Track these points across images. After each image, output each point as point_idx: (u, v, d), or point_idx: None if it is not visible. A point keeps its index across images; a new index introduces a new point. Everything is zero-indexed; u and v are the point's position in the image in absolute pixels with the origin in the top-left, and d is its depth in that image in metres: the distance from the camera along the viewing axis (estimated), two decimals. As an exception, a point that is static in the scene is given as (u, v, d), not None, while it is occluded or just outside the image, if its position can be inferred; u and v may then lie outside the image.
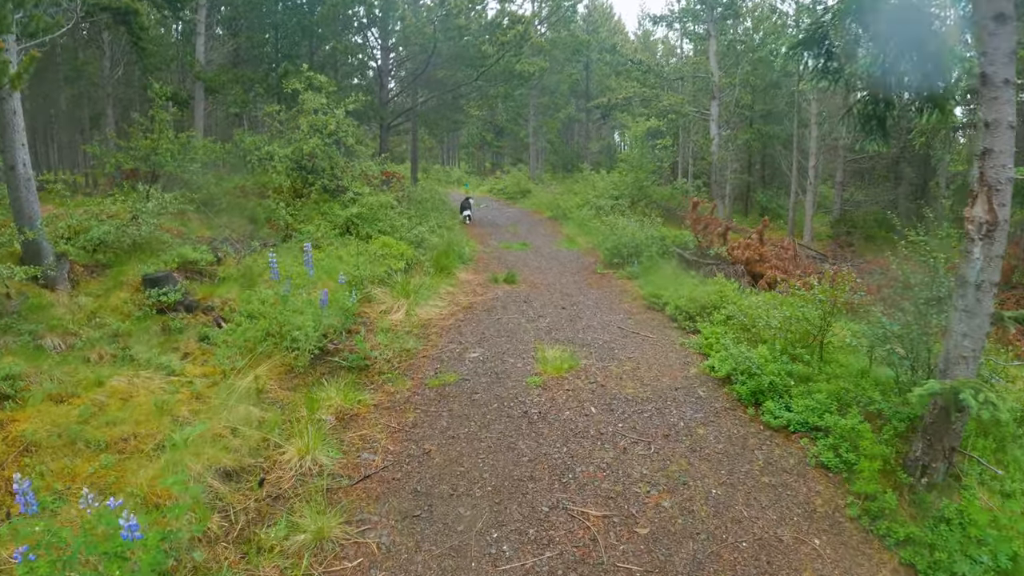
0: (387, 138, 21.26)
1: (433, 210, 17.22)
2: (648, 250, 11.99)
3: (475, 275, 11.42)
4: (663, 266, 11.81)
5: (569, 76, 33.27)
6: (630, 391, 6.05)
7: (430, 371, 6.38)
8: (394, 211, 13.36)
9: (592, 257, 13.61)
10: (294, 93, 13.82)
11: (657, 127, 20.99)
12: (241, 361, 6.22)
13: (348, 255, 10.26)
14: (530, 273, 11.75)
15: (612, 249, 12.21)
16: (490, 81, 19.01)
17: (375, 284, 9.13)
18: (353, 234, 12.02)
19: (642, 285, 10.83)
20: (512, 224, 19.71)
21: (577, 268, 12.43)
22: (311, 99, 13.09)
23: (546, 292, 10.26)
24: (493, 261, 12.89)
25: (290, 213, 12.21)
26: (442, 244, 12.34)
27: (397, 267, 10.03)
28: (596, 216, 19.13)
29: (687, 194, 22.37)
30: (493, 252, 13.97)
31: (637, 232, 12.33)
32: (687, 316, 8.80)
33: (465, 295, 9.89)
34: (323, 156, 13.59)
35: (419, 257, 11.15)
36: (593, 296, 10.14)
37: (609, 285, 11.06)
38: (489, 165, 46.73)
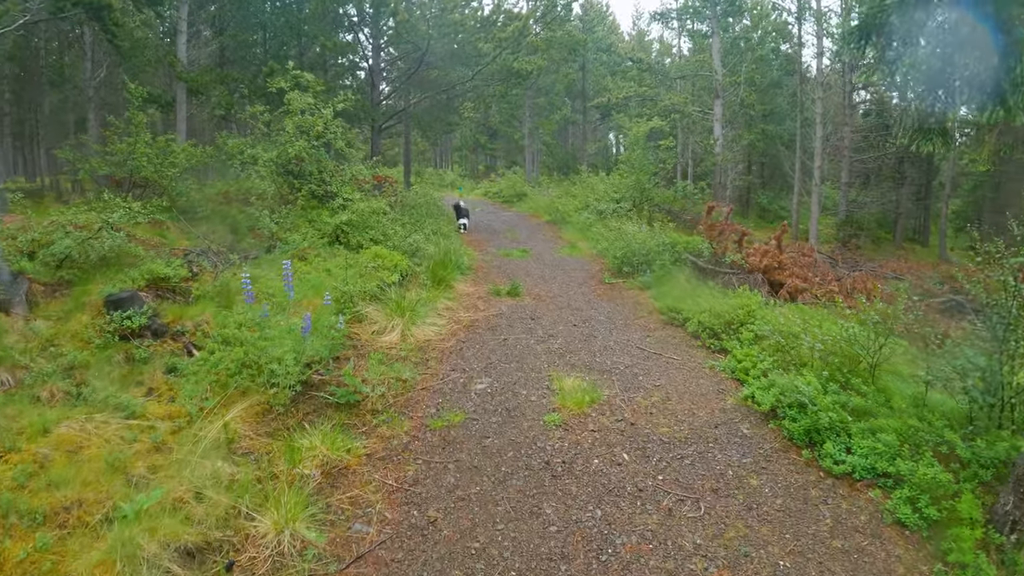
0: (379, 141, 20.41)
1: (428, 216, 16.36)
2: (660, 258, 11.20)
3: (475, 287, 10.59)
4: (676, 275, 11.02)
5: (565, 76, 32.50)
6: (664, 430, 5.23)
7: (431, 408, 5.54)
8: (386, 218, 12.51)
9: (597, 265, 12.81)
10: (280, 93, 12.95)
11: (659, 127, 20.21)
12: (212, 399, 5.37)
13: (337, 268, 9.41)
14: (534, 284, 10.93)
15: (622, 258, 11.42)
16: (486, 80, 18.20)
17: (367, 301, 8.28)
18: (343, 243, 11.17)
19: (656, 297, 10.04)
20: (510, 229, 18.89)
21: (583, 277, 11.62)
22: (297, 99, 12.22)
23: (554, 306, 9.43)
24: (493, 270, 12.07)
25: (275, 221, 11.35)
26: (439, 253, 11.50)
27: (391, 280, 9.18)
28: (598, 221, 18.36)
29: (690, 197, 21.62)
30: (492, 260, 13.14)
31: (648, 239, 11.53)
32: (711, 333, 8.01)
33: (466, 311, 9.05)
34: (311, 160, 12.74)
35: (414, 268, 10.31)
36: (605, 310, 9.33)
37: (621, 297, 10.25)
38: (483, 168, 45.96)
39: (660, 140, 21.22)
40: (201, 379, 5.73)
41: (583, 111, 34.17)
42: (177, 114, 17.91)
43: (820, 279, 12.43)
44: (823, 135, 24.18)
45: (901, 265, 20.37)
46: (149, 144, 11.62)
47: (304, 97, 12.32)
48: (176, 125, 17.88)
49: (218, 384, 5.64)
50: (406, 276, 10.07)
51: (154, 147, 11.75)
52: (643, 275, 11.05)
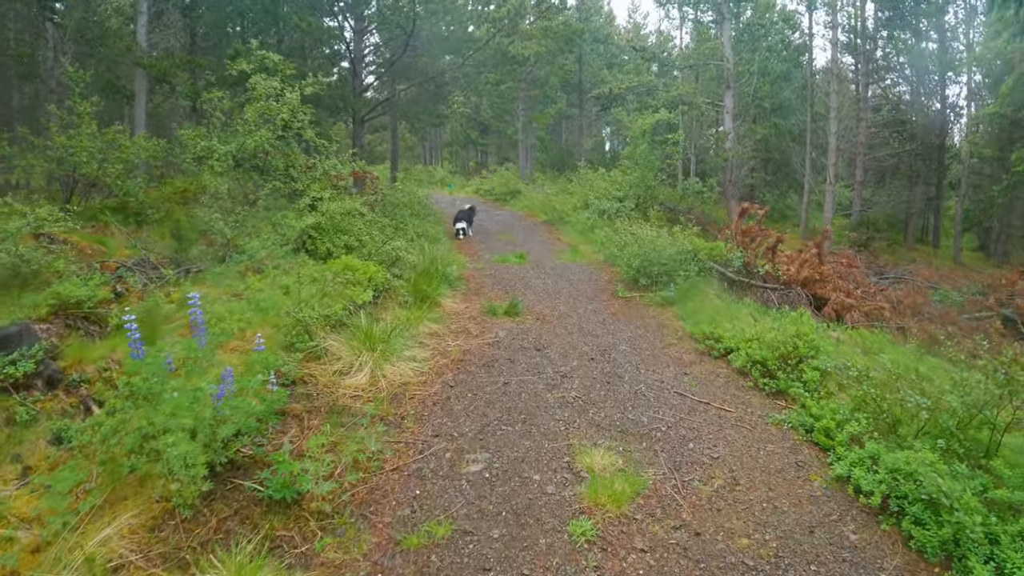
0: (362, 134, 18.68)
1: (413, 216, 14.65)
2: (685, 269, 9.57)
3: (466, 303, 8.91)
4: (704, 289, 9.40)
5: (561, 67, 30.80)
6: (744, 541, 3.59)
7: (404, 506, 3.84)
8: (364, 220, 10.81)
9: (606, 274, 11.16)
10: (244, 78, 11.23)
11: (666, 120, 18.57)
12: (97, 492, 3.71)
13: (297, 283, 7.70)
14: (536, 299, 9.26)
15: (638, 268, 9.76)
16: (478, 67, 16.51)
17: (329, 329, 6.60)
18: (309, 251, 9.47)
19: (685, 316, 8.42)
20: (504, 231, 17.21)
21: (592, 290, 9.96)
22: (261, 83, 10.50)
23: (562, 329, 7.77)
24: (487, 281, 10.39)
25: (232, 225, 9.66)
26: (423, 262, 9.81)
27: (362, 300, 7.48)
28: (601, 221, 16.73)
29: (697, 195, 20.01)
30: (486, 268, 11.46)
31: (668, 246, 9.89)
32: (763, 370, 6.38)
33: (455, 337, 7.37)
34: (276, 153, 11.02)
35: (393, 281, 8.61)
36: (626, 335, 7.68)
37: (640, 317, 8.61)
38: (474, 164, 44.26)
39: (667, 134, 19.57)
40: (91, 456, 4.07)
41: (580, 104, 32.50)
42: (136, 104, 16.19)
43: (862, 292, 10.87)
44: (837, 131, 22.65)
45: (931, 272, 18.84)
46: (94, 137, 9.96)
47: (269, 81, 10.60)
48: (135, 117, 16.15)
49: (111, 465, 3.96)
50: (383, 291, 8.39)
51: (97, 141, 10.09)
52: (664, 288, 9.42)
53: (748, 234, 10.04)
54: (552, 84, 32.86)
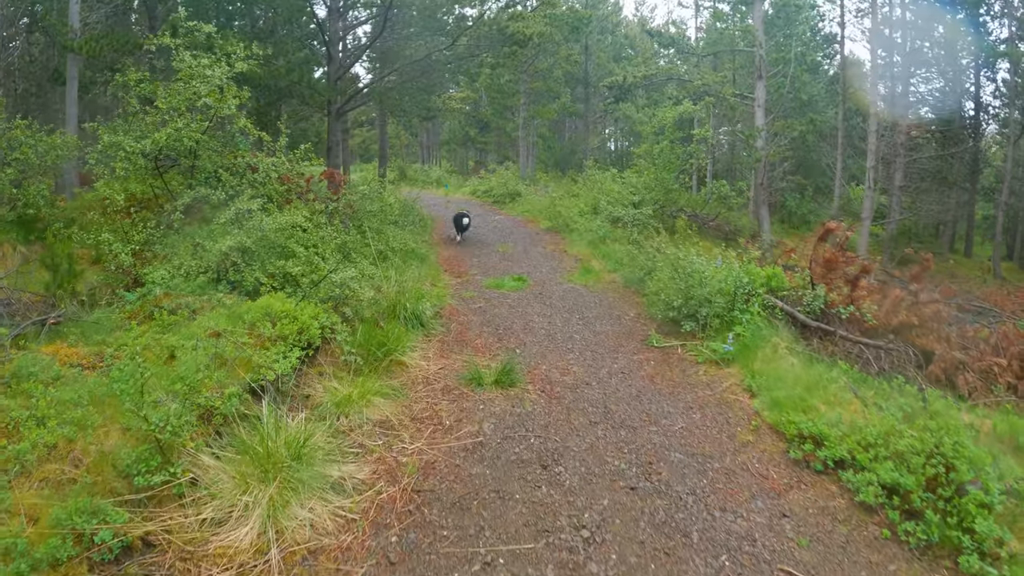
0: (338, 128, 16.11)
1: (392, 224, 12.12)
2: (745, 310, 7.03)
3: (442, 359, 6.36)
4: (769, 338, 6.86)
5: (567, 58, 28.22)
6: None
7: None
8: (318, 236, 8.28)
9: (629, 306, 8.63)
10: (163, 53, 8.73)
11: (691, 113, 16.03)
12: None
13: (191, 343, 5.20)
14: (539, 351, 6.72)
15: (680, 307, 7.20)
16: (472, 50, 13.98)
17: (210, 434, 4.09)
18: (233, 283, 6.95)
19: (753, 385, 5.89)
20: (501, 240, 14.65)
21: (616, 333, 7.43)
22: (189, 61, 8.01)
23: (579, 416, 5.22)
24: (474, 320, 7.83)
25: (136, 247, 7.22)
26: (389, 295, 7.25)
27: (282, 369, 4.95)
28: (616, 231, 14.20)
29: (724, 200, 17.42)
30: (475, 298, 8.89)
31: (723, 276, 7.32)
32: (907, 509, 3.89)
33: (416, 432, 4.82)
34: (206, 150, 8.53)
35: (337, 329, 6.04)
36: (677, 427, 5.13)
37: (689, 384, 6.07)
38: (472, 163, 41.72)
39: (693, 130, 17.02)
40: None
41: (586, 99, 29.90)
42: (68, 94, 13.66)
43: (959, 336, 8.31)
44: (877, 129, 20.05)
45: (989, 292, 16.20)
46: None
47: (199, 60, 8.10)
48: (67, 108, 13.65)
49: None
50: (318, 347, 5.85)
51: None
52: (716, 336, 6.89)
53: (830, 264, 7.48)
54: (556, 77, 30.29)
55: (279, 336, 5.50)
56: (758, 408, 5.58)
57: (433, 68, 14.59)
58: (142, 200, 9.29)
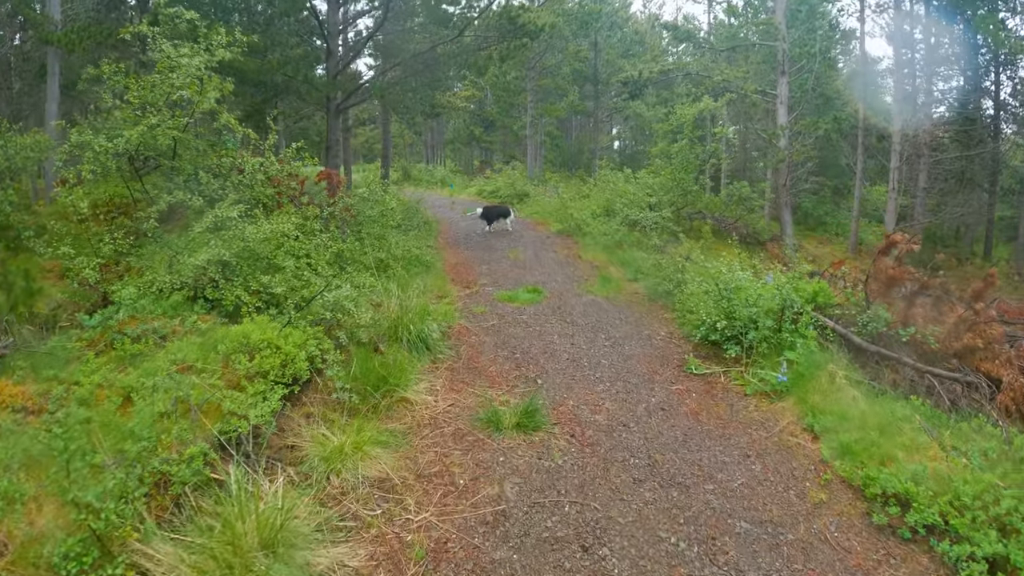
0: (337, 126, 15.22)
1: (394, 229, 11.26)
2: (795, 330, 6.13)
3: (451, 393, 5.46)
4: (825, 364, 5.97)
5: (575, 54, 27.29)
6: None
7: None
8: (312, 245, 7.41)
9: (659, 323, 7.73)
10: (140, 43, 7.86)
11: (711, 109, 15.11)
12: None
13: (151, 382, 4.34)
14: (564, 382, 5.83)
15: (723, 330, 6.29)
16: (479, 42, 13.08)
17: (168, 507, 3.22)
18: (212, 301, 6.09)
19: (813, 423, 5.04)
20: (511, 245, 13.76)
21: (647, 356, 6.53)
22: (168, 52, 7.15)
23: (619, 471, 4.32)
24: (488, 341, 6.93)
25: (102, 260, 6.38)
26: (388, 314, 6.37)
27: (259, 416, 4.08)
28: (633, 235, 13.34)
29: (744, 202, 16.48)
30: (487, 314, 7.98)
31: (769, 293, 6.41)
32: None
33: (422, 494, 3.94)
34: (185, 149, 7.67)
35: (329, 358, 5.15)
36: (737, 484, 4.24)
37: (739, 422, 5.19)
38: (478, 163, 40.83)
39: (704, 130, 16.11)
40: None
41: (595, 97, 28.93)
42: (48, 90, 12.85)
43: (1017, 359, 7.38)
44: (901, 128, 19.11)
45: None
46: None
47: (178, 49, 7.24)
48: (47, 105, 12.84)
49: None
50: (305, 383, 4.97)
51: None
52: (763, 362, 6.00)
53: (894, 281, 6.57)
54: (564, 74, 29.36)
55: (258, 372, 4.63)
56: (826, 456, 4.71)
57: (438, 62, 13.69)
58: (120, 205, 8.46)
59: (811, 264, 19.03)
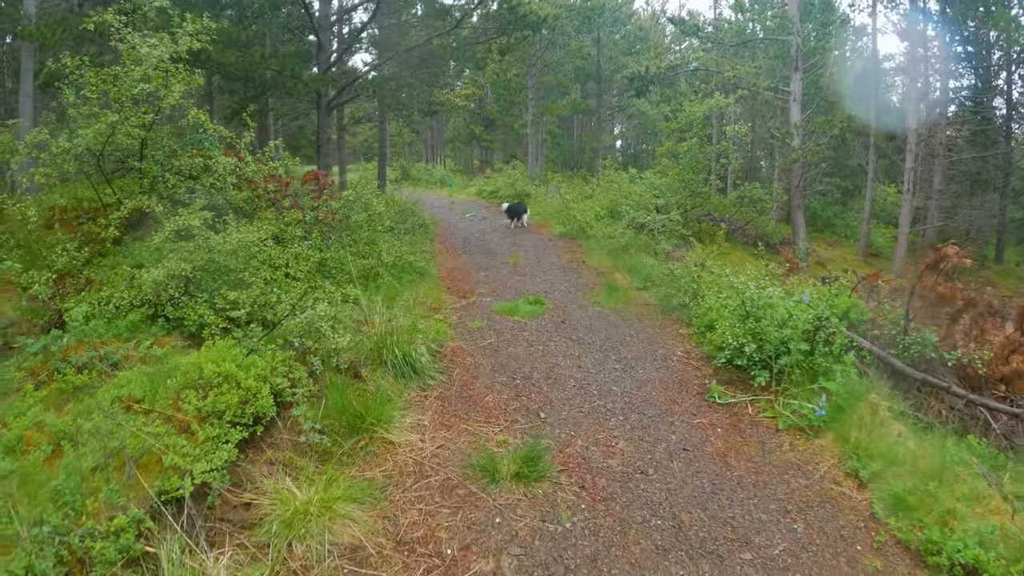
0: (328, 123, 14.55)
1: (387, 232, 10.58)
2: (829, 353, 5.43)
3: (439, 431, 4.74)
4: (864, 394, 5.27)
5: (577, 50, 26.58)
6: None
7: None
8: (289, 254, 6.71)
9: (674, 339, 7.02)
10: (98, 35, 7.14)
11: (722, 106, 14.40)
12: None
13: (89, 425, 3.67)
14: (571, 412, 5.13)
15: (751, 354, 5.56)
16: (478, 35, 12.38)
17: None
18: (172, 321, 5.40)
19: (859, 468, 4.37)
20: (511, 249, 13.06)
21: (665, 383, 5.82)
22: (132, 43, 6.47)
23: (642, 536, 3.59)
24: (484, 363, 6.22)
25: (54, 274, 5.70)
26: (372, 333, 5.65)
27: (206, 471, 3.39)
28: (640, 238, 12.66)
29: (755, 204, 15.77)
30: (483, 330, 7.26)
31: (793, 309, 5.69)
32: None
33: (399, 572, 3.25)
34: (152, 149, 6.99)
35: (301, 385, 4.45)
36: (778, 550, 3.53)
37: (775, 467, 4.48)
38: (478, 162, 40.14)
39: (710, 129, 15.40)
40: None
41: (598, 94, 28.22)
42: (22, 87, 12.17)
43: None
44: (917, 128, 18.39)
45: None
46: None
47: (145, 40, 6.56)
48: (21, 102, 12.15)
49: None
50: (274, 420, 4.27)
51: None
52: (795, 390, 5.30)
53: (943, 300, 5.87)
54: (566, 71, 28.65)
55: (213, 412, 3.93)
56: (877, 511, 4.02)
57: (434, 57, 12.99)
58: (89, 210, 7.79)
59: (823, 268, 18.33)
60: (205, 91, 17.19)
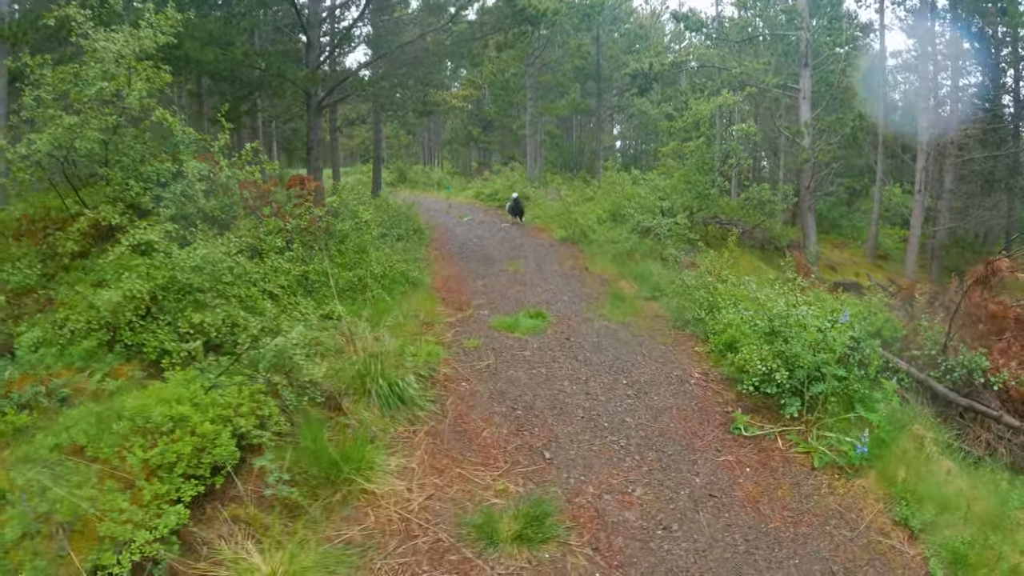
0: (318, 124, 13.95)
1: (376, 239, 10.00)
2: (864, 377, 4.85)
3: (429, 477, 4.14)
4: (907, 424, 4.70)
5: (577, 48, 26.00)
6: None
7: None
8: (268, 267, 6.13)
9: (689, 358, 6.43)
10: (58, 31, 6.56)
11: (730, 104, 13.83)
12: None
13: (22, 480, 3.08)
14: (580, 451, 4.53)
15: (782, 382, 4.95)
16: (474, 31, 11.81)
17: None
18: (133, 347, 4.82)
19: (904, 514, 3.77)
20: (510, 256, 12.49)
21: (684, 411, 5.23)
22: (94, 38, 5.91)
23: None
24: (479, 389, 5.60)
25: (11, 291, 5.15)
26: (355, 358, 5.04)
27: (149, 539, 2.81)
28: (645, 243, 12.10)
29: (762, 206, 15.17)
30: (480, 349, 6.65)
31: (827, 330, 5.08)
32: None
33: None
34: (119, 154, 6.40)
35: (266, 437, 3.87)
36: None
37: (814, 516, 3.90)
38: (476, 164, 39.58)
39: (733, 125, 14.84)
40: None
41: (597, 94, 27.62)
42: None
43: None
44: (929, 126, 17.82)
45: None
46: None
47: (109, 36, 6.00)
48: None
49: None
50: (235, 471, 3.68)
51: None
52: (826, 416, 4.72)
53: (995, 319, 5.30)
54: (565, 70, 28.06)
55: (163, 464, 3.35)
56: (934, 571, 3.45)
57: (429, 55, 12.41)
58: (57, 220, 7.19)
59: (834, 272, 17.77)
60: (195, 92, 16.62)
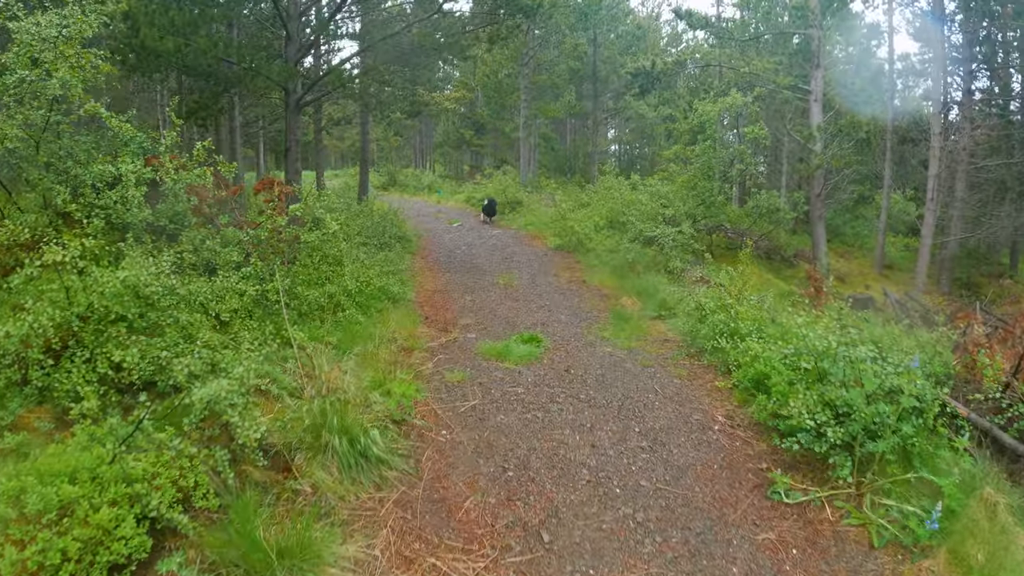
0: (297, 123, 13.01)
1: (355, 247, 9.12)
2: (922, 430, 4.00)
3: (398, 568, 3.28)
4: (977, 486, 3.83)
5: (573, 48, 25.20)
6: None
7: None
8: (221, 286, 5.23)
9: (710, 396, 5.56)
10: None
11: (739, 106, 13.01)
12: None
13: None
14: (587, 532, 3.63)
15: (834, 437, 4.06)
16: (464, 23, 10.95)
17: None
18: (44, 390, 3.90)
19: None
20: (501, 267, 11.62)
21: (710, 470, 4.34)
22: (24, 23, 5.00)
23: None
24: (462, 440, 4.69)
25: None
26: (311, 405, 4.14)
27: None
28: (648, 253, 11.27)
29: (771, 215, 14.35)
30: (463, 383, 5.75)
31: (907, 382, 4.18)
32: None
33: None
34: (51, 156, 5.52)
35: (197, 502, 2.99)
36: None
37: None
38: (467, 167, 38.74)
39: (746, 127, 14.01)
40: None
41: (593, 96, 26.83)
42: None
43: None
44: (941, 131, 17.06)
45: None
46: None
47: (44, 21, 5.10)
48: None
49: None
50: (146, 565, 2.78)
51: None
52: (880, 477, 3.86)
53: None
54: (560, 71, 27.26)
55: (41, 568, 2.45)
56: None
57: (417, 51, 11.52)
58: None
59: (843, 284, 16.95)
60: (176, 90, 15.70)
